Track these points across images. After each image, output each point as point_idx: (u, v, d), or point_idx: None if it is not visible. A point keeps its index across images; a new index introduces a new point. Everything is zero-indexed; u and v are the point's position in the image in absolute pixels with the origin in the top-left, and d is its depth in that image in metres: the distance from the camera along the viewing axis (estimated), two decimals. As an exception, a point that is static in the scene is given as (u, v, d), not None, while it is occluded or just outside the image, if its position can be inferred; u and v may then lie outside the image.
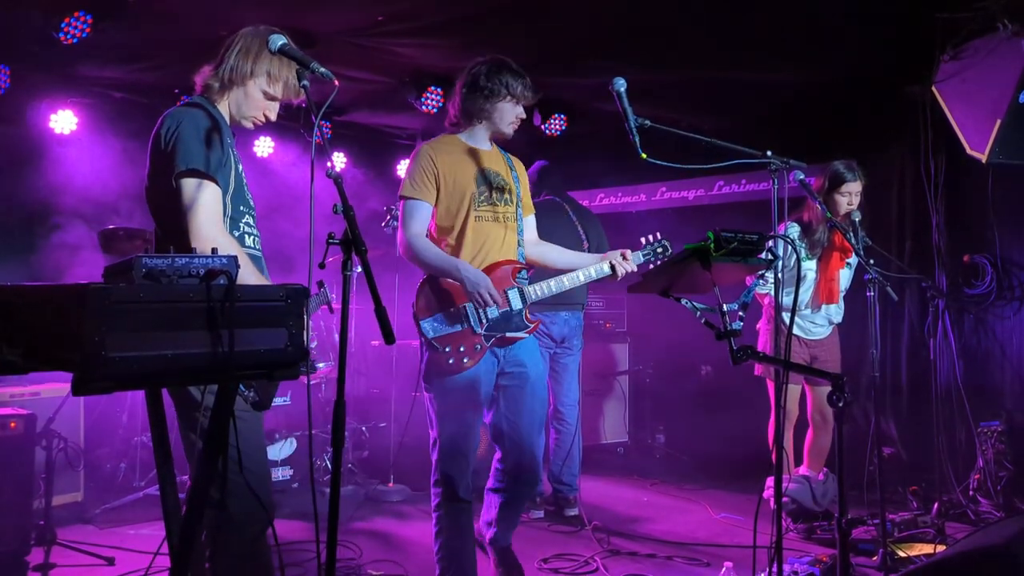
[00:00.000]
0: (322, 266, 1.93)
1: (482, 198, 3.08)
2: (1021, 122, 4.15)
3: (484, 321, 2.97)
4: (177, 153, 2.25)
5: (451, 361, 2.95)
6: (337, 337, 5.59)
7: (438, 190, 3.04)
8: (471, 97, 3.07)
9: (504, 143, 3.26)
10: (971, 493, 4.85)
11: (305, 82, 2.24)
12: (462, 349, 2.94)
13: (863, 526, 4.34)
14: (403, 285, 5.48)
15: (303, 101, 2.35)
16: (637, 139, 2.75)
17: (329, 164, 2.02)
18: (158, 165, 2.33)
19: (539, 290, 3.12)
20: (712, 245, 2.39)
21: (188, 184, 2.25)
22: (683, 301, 2.83)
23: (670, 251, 3.45)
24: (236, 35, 2.51)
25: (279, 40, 2.30)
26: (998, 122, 4.15)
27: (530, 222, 3.32)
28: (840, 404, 2.19)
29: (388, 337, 1.81)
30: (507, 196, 3.15)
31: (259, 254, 2.52)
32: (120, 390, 1.56)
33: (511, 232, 3.15)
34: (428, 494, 3.36)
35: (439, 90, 5.47)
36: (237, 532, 2.21)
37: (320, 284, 3.77)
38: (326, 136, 6.27)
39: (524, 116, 3.16)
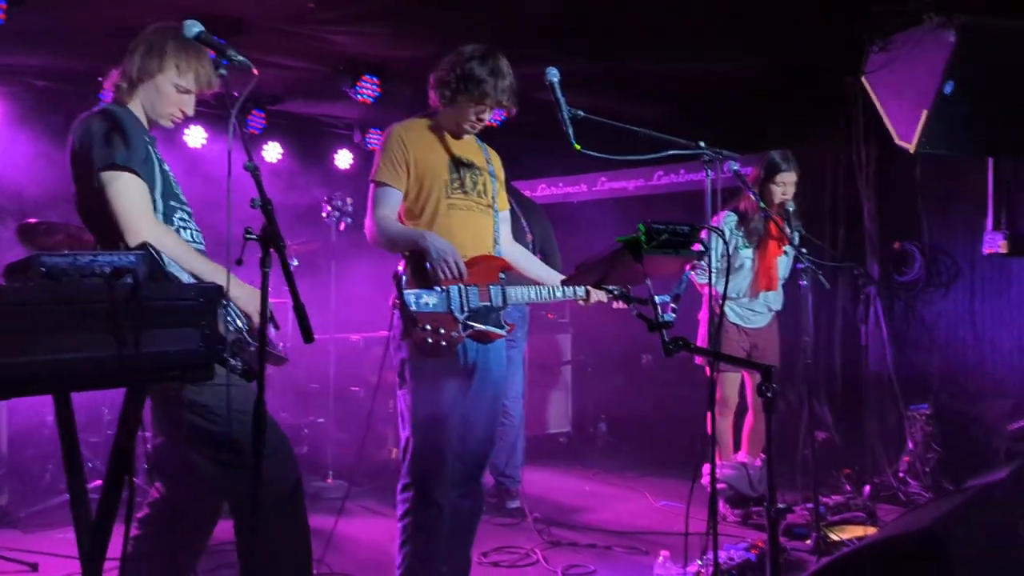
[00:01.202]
0: (239, 262, 1.85)
1: (455, 185, 2.95)
2: (946, 113, 4.23)
3: (466, 309, 2.85)
4: (93, 152, 2.23)
5: (429, 340, 2.75)
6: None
7: (408, 175, 2.91)
8: (443, 82, 2.91)
9: (480, 132, 3.10)
10: (901, 475, 4.97)
11: (222, 71, 2.16)
12: (441, 331, 2.77)
13: (798, 507, 4.42)
14: (340, 278, 5.39)
15: (222, 91, 2.27)
16: (571, 130, 2.73)
17: (247, 156, 1.95)
18: (78, 171, 2.31)
19: (519, 294, 3.00)
20: (643, 237, 2.36)
21: (109, 179, 2.22)
22: (616, 293, 2.82)
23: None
24: (141, 34, 2.46)
25: (195, 27, 2.21)
26: (925, 112, 4.23)
27: (505, 221, 3.18)
28: (769, 395, 2.20)
29: (307, 335, 1.75)
30: (482, 187, 3.03)
31: (202, 248, 2.48)
32: (11, 396, 1.48)
33: (486, 225, 3.04)
34: (367, 490, 3.34)
35: (374, 79, 5.38)
36: (274, 490, 2.19)
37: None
38: (260, 126, 6.14)
39: (485, 119, 2.95)
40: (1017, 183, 5.12)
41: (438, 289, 2.78)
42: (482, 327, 2.87)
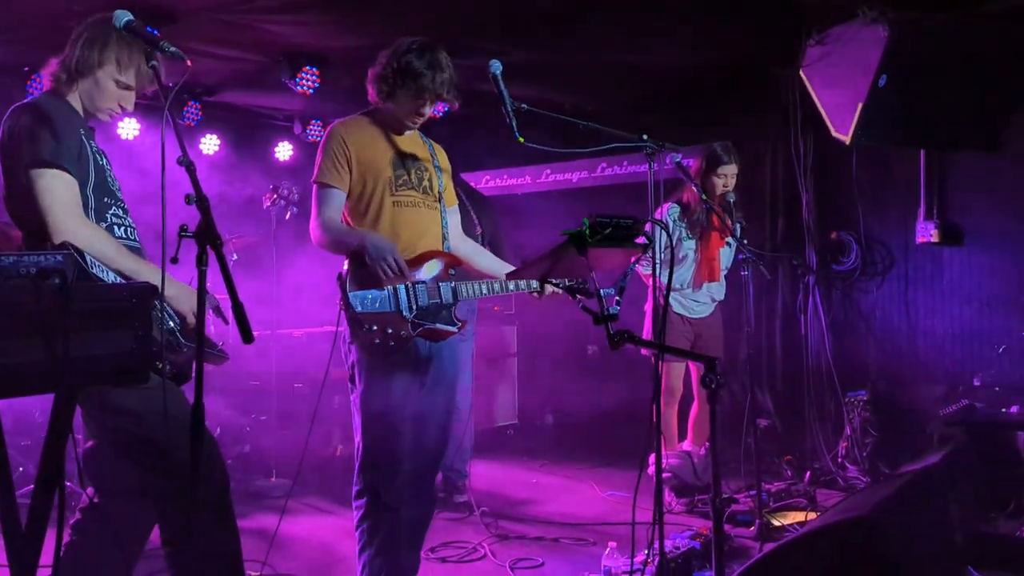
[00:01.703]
0: (175, 260, 1.79)
1: (400, 181, 2.90)
2: (881, 106, 4.35)
3: (414, 307, 2.80)
4: (23, 147, 2.18)
5: (377, 341, 2.72)
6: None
7: (351, 174, 2.86)
8: (381, 77, 2.86)
9: (422, 126, 3.04)
10: (840, 460, 5.11)
11: (154, 62, 2.10)
12: (389, 331, 2.73)
13: (742, 495, 4.51)
14: (283, 272, 5.30)
15: (170, 84, 2.20)
16: (514, 122, 2.72)
17: (182, 150, 1.89)
18: (7, 165, 2.24)
19: (471, 289, 2.96)
20: (587, 231, 2.36)
21: (38, 176, 2.16)
22: (562, 286, 2.83)
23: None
24: (83, 24, 2.38)
25: (124, 16, 2.14)
26: (860, 105, 4.34)
27: (454, 215, 3.14)
28: (712, 386, 2.22)
29: (246, 335, 1.70)
30: (428, 183, 2.98)
31: (137, 245, 2.41)
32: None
33: (434, 221, 2.99)
34: (312, 488, 3.28)
35: (315, 70, 5.28)
36: (204, 486, 2.08)
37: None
38: (195, 117, 5.99)
39: (426, 113, 2.90)
40: (947, 174, 5.30)
41: (384, 289, 2.74)
42: (432, 325, 2.84)
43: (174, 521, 2.27)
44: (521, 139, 2.71)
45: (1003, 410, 4.66)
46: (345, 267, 2.78)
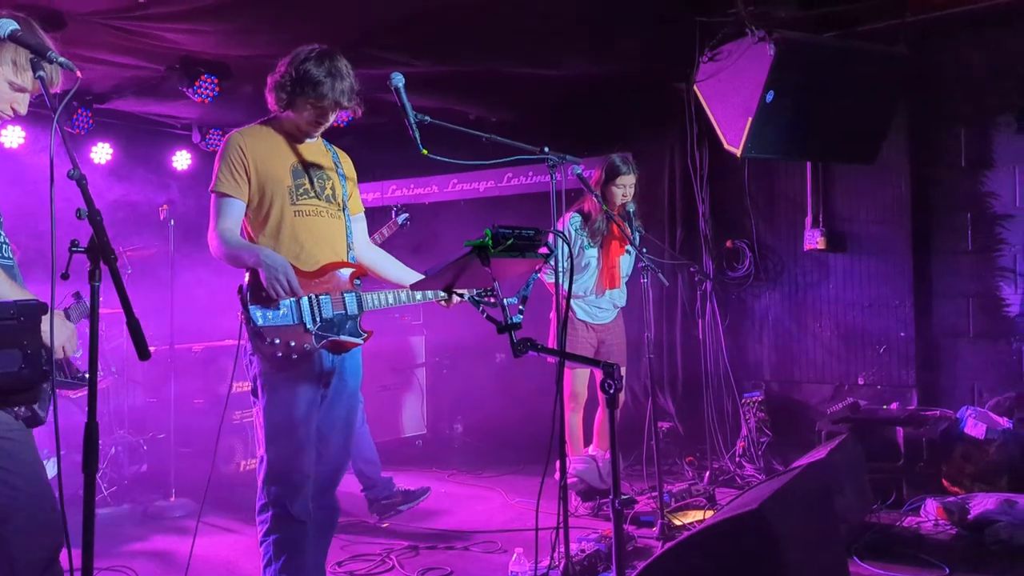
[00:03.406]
0: (65, 276, 1.75)
1: (301, 191, 2.87)
2: (769, 119, 4.57)
3: (318, 319, 2.78)
4: None
5: (279, 355, 2.70)
6: (111, 346, 5.18)
7: (250, 183, 2.81)
8: (279, 85, 2.83)
9: (326, 134, 3.05)
10: (737, 459, 5.33)
11: (41, 73, 2.04)
12: (292, 344, 2.71)
13: (645, 496, 4.65)
14: (180, 284, 5.16)
15: (57, 90, 2.13)
16: (418, 135, 2.76)
17: (72, 163, 1.84)
18: None
19: (377, 300, 2.96)
20: (490, 242, 2.42)
21: None
22: (466, 296, 2.87)
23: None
24: None
25: (9, 26, 2.06)
26: (749, 120, 4.54)
27: (359, 223, 3.13)
28: (611, 391, 2.31)
29: (142, 353, 1.68)
30: (331, 190, 2.97)
31: (10, 262, 2.28)
32: None
33: (338, 230, 2.97)
34: (215, 506, 3.19)
35: (213, 78, 5.17)
36: (24, 561, 1.96)
37: (76, 295, 3.43)
38: (86, 125, 5.77)
39: (326, 122, 2.89)
40: (832, 185, 5.61)
41: (287, 301, 2.73)
42: (336, 337, 2.84)
43: None
44: (425, 151, 2.75)
45: (884, 407, 4.97)
46: (246, 279, 2.75)
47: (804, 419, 5.44)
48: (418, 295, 3.06)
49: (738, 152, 4.65)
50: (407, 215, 5.54)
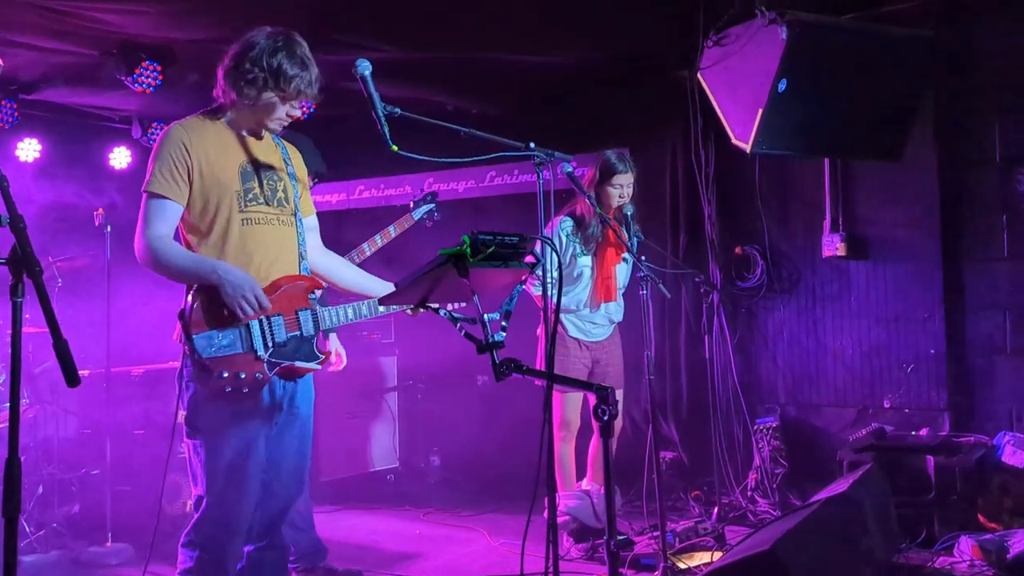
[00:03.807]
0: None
1: (250, 196, 2.86)
2: (781, 111, 4.60)
3: (270, 345, 2.77)
4: None
5: (228, 389, 2.68)
6: (39, 370, 5.13)
7: (191, 185, 2.79)
8: (234, 77, 2.82)
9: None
10: (750, 493, 5.34)
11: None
12: (242, 376, 2.70)
13: (646, 536, 4.64)
14: (118, 299, 5.12)
15: None
16: (386, 129, 2.76)
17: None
18: None
19: (336, 316, 2.96)
20: (468, 250, 2.41)
21: None
22: (441, 312, 2.86)
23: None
24: None
25: None
26: (760, 111, 4.57)
27: (312, 227, 3.13)
28: (604, 417, 2.30)
29: (70, 378, 1.66)
30: (283, 193, 2.97)
31: None
32: None
33: (289, 239, 2.96)
34: (157, 553, 3.09)
35: (156, 65, 5.16)
36: None
37: None
38: (10, 118, 5.74)
39: (297, 115, 2.93)
40: (852, 184, 5.64)
41: (234, 327, 2.71)
42: (291, 363, 2.82)
43: None
44: (395, 148, 2.76)
45: (912, 433, 4.99)
46: (189, 301, 2.72)
47: (823, 447, 5.45)
48: (381, 307, 3.05)
49: (747, 148, 4.68)
50: (431, 207, 5.17)
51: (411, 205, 5.19)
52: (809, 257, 5.80)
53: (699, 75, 4.96)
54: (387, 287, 3.22)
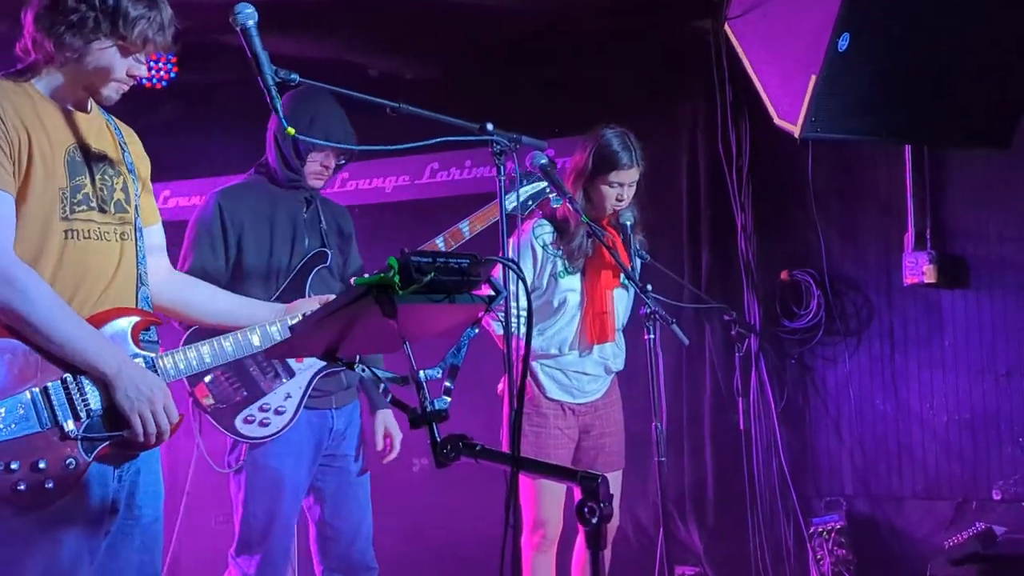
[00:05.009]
0: None
1: (78, 197, 2.81)
2: (842, 80, 4.60)
3: (82, 414, 2.70)
4: None
5: (21, 488, 2.59)
6: None
7: (18, 169, 2.72)
8: (49, 20, 2.76)
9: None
10: (806, 624, 5.33)
11: None
12: (42, 466, 2.62)
13: None
14: None
15: None
16: (278, 103, 2.74)
17: None
18: None
19: (183, 361, 2.95)
20: (396, 278, 2.39)
21: None
22: (357, 368, 2.83)
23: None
24: None
25: None
26: (813, 78, 4.57)
27: (157, 244, 3.14)
28: (594, 520, 2.26)
29: None
30: (122, 196, 2.94)
31: None
32: None
33: (128, 259, 2.93)
34: None
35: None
36: None
37: None
38: None
39: (141, 75, 2.91)
40: (945, 183, 5.67)
41: (26, 393, 2.63)
42: (118, 437, 2.76)
43: None
44: (291, 131, 2.75)
45: (1033, 536, 5.00)
46: None
47: (909, 557, 5.46)
48: (254, 337, 3.08)
49: (796, 131, 4.69)
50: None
51: (466, 230, 5.12)
52: (885, 285, 5.84)
53: (726, 27, 4.98)
54: (269, 309, 3.20)
